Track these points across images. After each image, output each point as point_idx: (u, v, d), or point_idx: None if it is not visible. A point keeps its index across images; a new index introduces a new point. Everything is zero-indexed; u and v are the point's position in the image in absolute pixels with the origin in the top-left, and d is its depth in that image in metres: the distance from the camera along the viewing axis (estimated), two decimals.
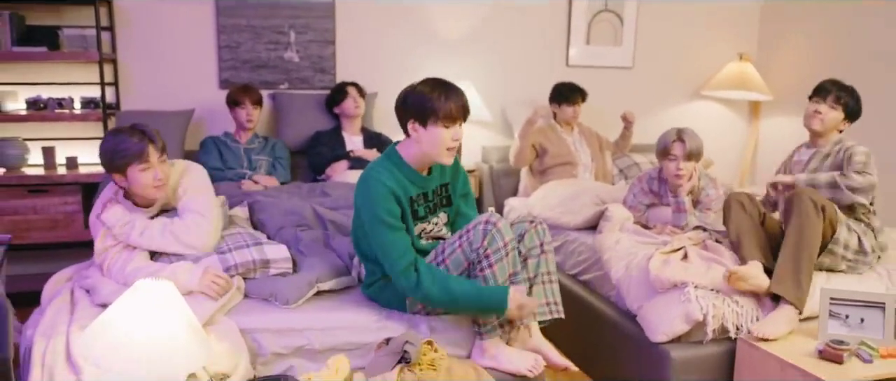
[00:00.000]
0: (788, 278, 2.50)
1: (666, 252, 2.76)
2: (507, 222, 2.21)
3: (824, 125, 2.93)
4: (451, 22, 4.55)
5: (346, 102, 4.05)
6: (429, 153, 2.25)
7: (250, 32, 4.26)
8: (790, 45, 4.90)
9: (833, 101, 2.92)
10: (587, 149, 4.28)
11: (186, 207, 2.49)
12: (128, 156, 2.35)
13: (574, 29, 4.77)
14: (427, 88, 2.21)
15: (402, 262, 2.20)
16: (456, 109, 2.21)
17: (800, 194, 2.60)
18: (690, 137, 3.09)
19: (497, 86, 4.67)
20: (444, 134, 2.21)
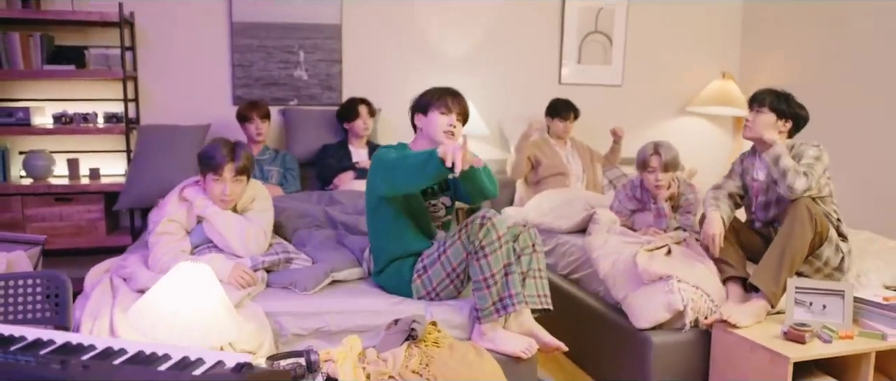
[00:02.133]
0: (769, 273, 2.72)
1: (650, 249, 3.02)
2: (502, 218, 2.48)
3: (753, 131, 2.93)
4: (451, 42, 4.84)
5: (357, 123, 4.29)
6: (431, 136, 2.65)
7: (262, 52, 4.54)
8: (769, 63, 5.19)
9: (757, 105, 2.95)
10: (579, 161, 4.55)
11: (255, 220, 2.81)
12: (208, 163, 2.71)
13: (566, 49, 5.07)
14: (432, 89, 2.74)
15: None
16: (451, 100, 2.67)
17: (799, 201, 2.76)
18: (666, 149, 3.35)
19: (494, 102, 4.95)
20: (441, 119, 2.64)
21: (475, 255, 2.45)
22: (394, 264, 2.64)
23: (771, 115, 2.95)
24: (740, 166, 3.19)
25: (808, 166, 2.82)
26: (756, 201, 3.09)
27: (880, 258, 3.15)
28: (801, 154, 2.91)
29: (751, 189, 3.13)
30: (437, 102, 2.65)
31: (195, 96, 4.48)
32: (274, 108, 4.53)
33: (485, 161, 4.93)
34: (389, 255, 2.65)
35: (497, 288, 2.46)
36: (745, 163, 3.17)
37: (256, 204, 2.86)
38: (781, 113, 2.97)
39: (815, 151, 2.89)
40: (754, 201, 3.11)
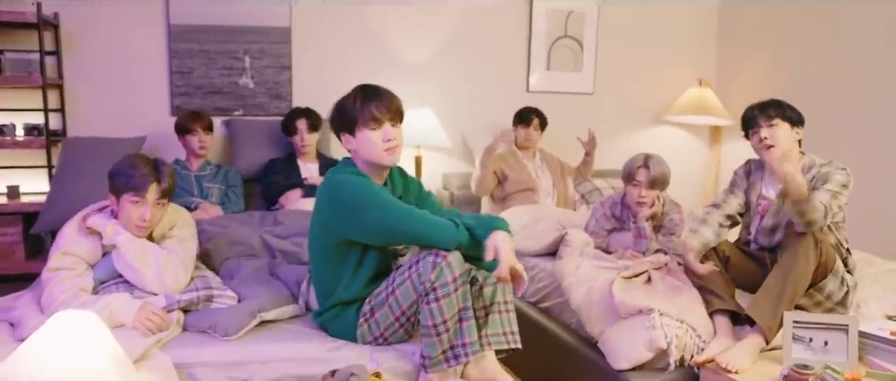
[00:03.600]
0: (767, 307, 2.40)
1: (628, 276, 2.69)
2: (458, 257, 2.12)
3: (782, 149, 2.59)
4: (411, 47, 4.50)
5: (295, 139, 3.93)
6: (370, 159, 2.22)
7: (203, 57, 4.16)
8: (747, 69, 4.92)
9: (765, 120, 2.61)
10: (549, 175, 4.23)
11: (174, 250, 2.42)
12: (128, 183, 2.32)
13: (534, 54, 4.75)
14: (349, 99, 2.22)
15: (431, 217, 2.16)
16: (377, 109, 2.18)
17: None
18: (656, 164, 3.05)
19: (457, 112, 4.61)
20: (374, 136, 2.18)
21: (425, 298, 2.09)
22: (337, 308, 2.27)
23: (785, 124, 2.64)
24: (745, 181, 2.85)
25: (834, 195, 2.51)
26: (759, 223, 2.76)
27: (879, 283, 2.85)
28: (826, 177, 2.58)
29: (754, 207, 2.79)
30: (361, 115, 2.17)
31: (129, 106, 4.08)
32: (217, 118, 4.14)
33: (446, 174, 4.64)
34: (336, 299, 2.27)
35: (448, 336, 2.10)
36: (752, 177, 2.84)
37: (177, 231, 2.47)
38: (793, 120, 2.66)
39: (842, 177, 2.57)
40: (756, 221, 2.77)
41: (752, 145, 2.71)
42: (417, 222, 2.11)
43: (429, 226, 2.11)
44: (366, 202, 2.11)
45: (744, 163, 2.88)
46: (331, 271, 2.26)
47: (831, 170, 2.60)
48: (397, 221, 2.10)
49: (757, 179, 2.80)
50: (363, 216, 2.11)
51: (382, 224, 2.10)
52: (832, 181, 2.55)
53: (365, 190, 2.13)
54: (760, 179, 2.79)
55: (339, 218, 2.16)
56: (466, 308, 2.14)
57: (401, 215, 2.11)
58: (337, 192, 2.17)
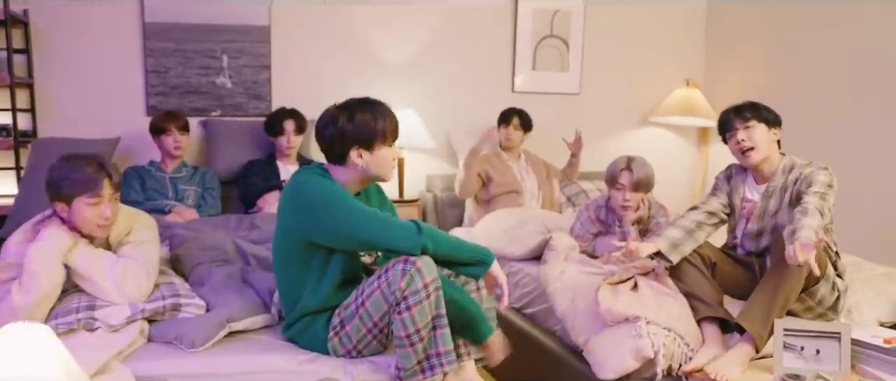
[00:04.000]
0: (759, 315, 2.31)
1: (614, 282, 2.60)
2: (429, 262, 2.03)
3: (761, 151, 2.57)
4: (393, 47, 4.40)
5: (280, 140, 3.84)
6: (374, 175, 2.19)
7: (180, 57, 4.04)
8: (735, 69, 4.86)
9: (741, 121, 2.58)
10: (534, 177, 4.14)
11: (133, 256, 2.28)
12: (79, 185, 2.18)
13: (519, 54, 4.66)
14: (367, 114, 2.14)
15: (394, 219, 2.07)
16: (395, 126, 2.20)
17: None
18: (640, 166, 2.97)
19: (441, 112, 4.51)
20: (389, 153, 2.18)
21: (397, 307, 1.99)
22: (306, 320, 2.17)
23: (762, 126, 2.60)
24: (727, 185, 2.78)
25: (822, 196, 2.43)
26: (744, 227, 2.69)
27: (870, 287, 2.78)
28: (810, 179, 2.51)
29: (738, 211, 2.73)
30: (385, 134, 2.13)
31: (103, 106, 3.96)
32: (193, 119, 4.03)
33: (430, 175, 4.55)
34: (303, 309, 2.16)
35: (423, 345, 2.01)
36: (733, 181, 2.77)
37: (135, 236, 2.34)
38: (769, 121, 2.62)
39: (826, 177, 2.51)
40: (742, 225, 2.70)
41: (731, 149, 2.66)
42: (380, 224, 2.03)
43: (392, 228, 2.03)
44: (327, 202, 2.04)
45: (725, 168, 2.82)
46: (295, 277, 2.17)
47: (814, 171, 2.54)
48: (360, 222, 2.02)
49: (739, 183, 2.73)
50: (324, 216, 2.03)
51: (344, 226, 2.02)
52: (817, 182, 2.48)
53: (327, 190, 2.06)
54: (742, 183, 2.73)
55: (302, 218, 2.08)
56: (440, 316, 2.05)
57: (364, 216, 2.03)
58: (299, 191, 2.10)
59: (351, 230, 2.02)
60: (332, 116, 2.15)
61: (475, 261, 2.08)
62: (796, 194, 2.54)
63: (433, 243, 2.03)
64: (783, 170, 2.62)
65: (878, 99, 3.89)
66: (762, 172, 2.65)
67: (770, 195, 2.62)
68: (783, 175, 2.61)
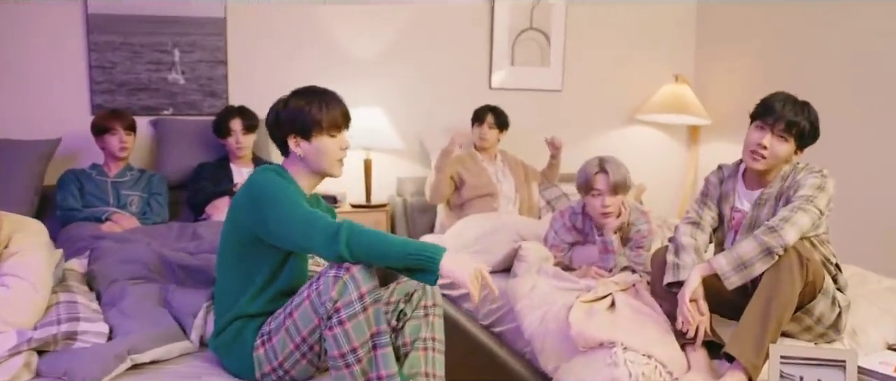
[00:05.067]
0: (750, 340, 2.02)
1: (589, 300, 2.31)
2: (368, 270, 1.75)
3: (770, 163, 2.28)
4: (360, 40, 4.10)
5: (229, 141, 3.54)
6: (317, 168, 2.03)
7: (127, 51, 3.73)
8: (727, 65, 4.57)
9: (782, 130, 2.23)
10: (511, 179, 3.85)
11: (13, 271, 1.96)
12: None
13: (497, 49, 4.36)
14: (302, 101, 2.02)
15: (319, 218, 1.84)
16: (339, 115, 2.03)
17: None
18: (614, 167, 2.68)
19: (412, 112, 4.21)
20: (332, 144, 2.01)
21: (328, 322, 1.74)
22: (236, 325, 1.93)
23: (790, 144, 2.27)
24: (718, 190, 2.48)
25: (806, 200, 2.16)
26: (732, 240, 2.40)
27: (876, 304, 2.49)
28: (797, 184, 2.24)
29: (727, 221, 2.43)
30: (326, 120, 1.99)
31: (42, 104, 3.65)
32: (143, 118, 3.73)
33: (400, 178, 4.26)
34: (237, 312, 1.94)
35: (361, 367, 1.76)
36: (725, 186, 2.47)
37: (17, 245, 2.01)
38: (803, 145, 2.31)
39: (816, 179, 2.22)
40: (730, 237, 2.41)
41: (748, 137, 2.31)
42: (302, 222, 1.83)
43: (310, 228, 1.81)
44: (272, 197, 1.87)
45: (716, 169, 2.52)
46: (237, 281, 1.97)
47: (804, 175, 2.25)
48: (292, 219, 1.83)
49: (729, 190, 2.44)
50: (267, 210, 1.86)
51: (283, 222, 1.83)
52: (804, 186, 2.21)
53: (275, 184, 1.90)
54: (733, 190, 2.43)
55: (249, 212, 1.91)
56: (381, 333, 1.78)
57: (297, 215, 1.84)
58: (250, 185, 1.94)
59: (287, 227, 1.83)
60: (276, 104, 2.06)
61: (418, 266, 1.80)
62: (787, 202, 2.25)
63: (355, 249, 1.77)
64: (782, 176, 2.33)
65: (881, 97, 3.61)
66: (761, 177, 2.35)
67: (762, 204, 2.33)
68: (780, 182, 2.32)
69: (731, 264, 2.10)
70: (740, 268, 2.09)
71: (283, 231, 1.83)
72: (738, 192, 2.40)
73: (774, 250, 2.07)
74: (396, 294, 2.09)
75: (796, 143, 2.27)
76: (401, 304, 2.06)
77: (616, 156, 2.79)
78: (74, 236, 2.93)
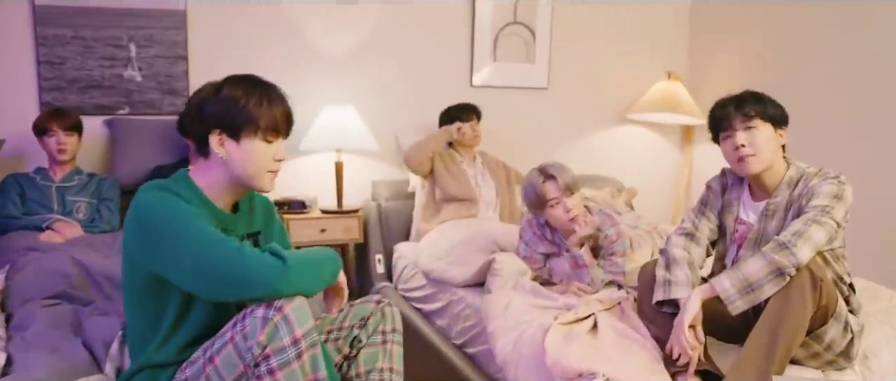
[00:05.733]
0: (752, 373, 1.78)
1: (568, 322, 2.05)
2: (305, 306, 1.49)
3: (764, 159, 2.04)
4: (332, 35, 3.83)
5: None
6: (241, 177, 1.68)
7: (79, 45, 3.47)
8: (723, 61, 4.32)
9: (744, 121, 2.03)
10: (491, 182, 3.59)
11: None
12: None
13: (478, 44, 4.10)
14: (239, 91, 1.66)
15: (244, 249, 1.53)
16: (281, 117, 1.69)
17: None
18: (558, 169, 2.46)
19: (388, 111, 3.95)
20: (265, 151, 1.67)
21: (255, 369, 1.46)
22: (146, 374, 1.64)
23: (767, 125, 2.06)
24: (720, 199, 2.23)
25: (821, 211, 1.90)
26: (735, 254, 2.14)
27: (890, 324, 2.23)
28: (810, 193, 1.99)
29: (730, 233, 2.18)
30: (262, 121, 1.65)
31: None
32: (97, 118, 3.47)
33: (375, 181, 4.00)
34: (144, 360, 1.64)
35: None
36: (728, 195, 2.22)
37: None
38: (776, 120, 2.08)
39: (832, 187, 1.97)
40: (733, 252, 2.16)
41: (724, 153, 2.11)
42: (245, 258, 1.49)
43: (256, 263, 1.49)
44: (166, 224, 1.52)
45: (719, 174, 2.27)
46: (144, 324, 1.66)
47: (818, 181, 2.00)
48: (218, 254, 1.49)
49: (733, 199, 2.18)
50: (167, 245, 1.51)
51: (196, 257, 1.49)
52: (819, 195, 1.96)
53: (165, 207, 1.55)
54: (738, 199, 2.17)
55: (142, 246, 1.57)
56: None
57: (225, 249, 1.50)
58: (136, 211, 1.58)
59: (195, 270, 1.49)
60: (204, 89, 1.72)
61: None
62: (799, 212, 2.00)
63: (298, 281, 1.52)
64: (788, 183, 2.08)
65: (880, 96, 3.36)
66: (763, 184, 2.11)
67: (770, 216, 2.08)
68: (787, 189, 2.07)
69: (737, 287, 1.84)
70: (747, 291, 1.83)
71: (194, 268, 1.50)
72: (744, 202, 2.15)
73: (786, 271, 1.82)
74: (350, 318, 1.85)
75: (770, 122, 2.06)
76: (355, 329, 1.83)
77: (606, 157, 2.53)
78: (8, 247, 2.67)
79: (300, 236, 3.52)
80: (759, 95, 2.09)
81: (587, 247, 2.46)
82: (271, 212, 1.91)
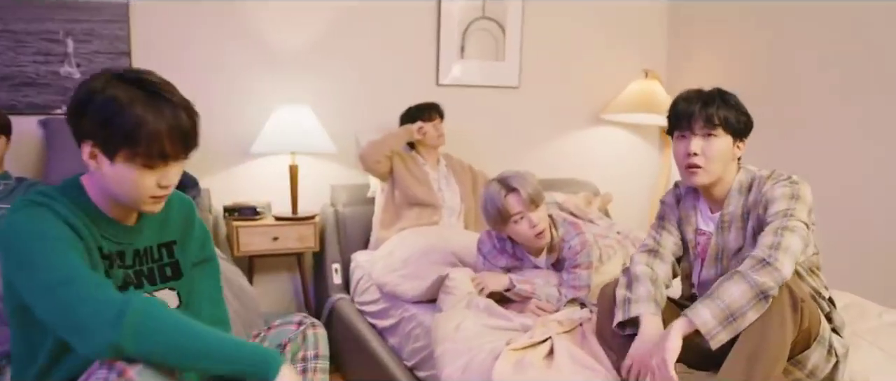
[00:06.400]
0: None
1: (521, 348, 1.83)
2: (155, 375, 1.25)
3: (713, 173, 1.85)
4: (286, 30, 3.59)
5: None
6: (118, 198, 1.42)
7: (10, 39, 3.21)
8: (702, 60, 4.12)
9: (704, 127, 1.84)
10: (455, 187, 3.37)
11: None
12: None
13: (445, 40, 3.87)
14: (124, 93, 1.35)
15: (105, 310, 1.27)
16: (172, 144, 1.38)
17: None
18: (520, 179, 2.23)
19: (348, 111, 3.70)
20: (143, 180, 1.38)
21: None
22: None
23: (727, 138, 1.86)
24: (675, 212, 2.03)
25: (785, 215, 1.71)
26: (700, 269, 1.94)
27: (879, 345, 2.03)
28: (765, 200, 1.80)
29: (692, 247, 1.98)
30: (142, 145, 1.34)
31: None
32: (30, 118, 3.23)
33: (334, 186, 3.76)
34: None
35: None
36: (682, 206, 2.02)
37: None
38: (739, 132, 1.88)
39: (786, 189, 1.78)
40: (697, 268, 1.95)
41: (675, 152, 1.93)
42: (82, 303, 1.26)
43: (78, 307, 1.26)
44: (26, 257, 1.28)
45: (672, 186, 2.09)
46: (25, 352, 1.44)
47: (770, 187, 1.80)
48: (64, 295, 1.25)
49: (689, 208, 1.99)
50: (24, 277, 1.29)
51: (40, 294, 1.27)
52: (775, 201, 1.77)
53: (32, 233, 1.30)
54: (694, 208, 1.98)
55: (8, 271, 1.34)
56: None
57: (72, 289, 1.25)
58: (4, 233, 1.33)
59: (43, 301, 1.27)
60: (87, 83, 1.39)
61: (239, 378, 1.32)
62: (758, 222, 1.81)
63: (144, 344, 1.27)
64: (739, 189, 1.89)
65: (864, 91, 3.16)
66: (712, 195, 1.93)
67: (726, 227, 1.89)
68: (739, 196, 1.88)
69: (718, 318, 1.62)
70: (729, 321, 1.61)
71: (41, 306, 1.28)
72: (701, 211, 1.96)
73: (771, 293, 1.61)
74: (267, 344, 1.61)
75: (731, 134, 1.86)
76: None
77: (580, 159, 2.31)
78: None
79: (250, 245, 3.28)
80: (728, 98, 1.90)
81: (546, 258, 2.24)
82: (191, 216, 1.67)
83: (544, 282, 2.28)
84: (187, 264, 1.63)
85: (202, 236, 1.69)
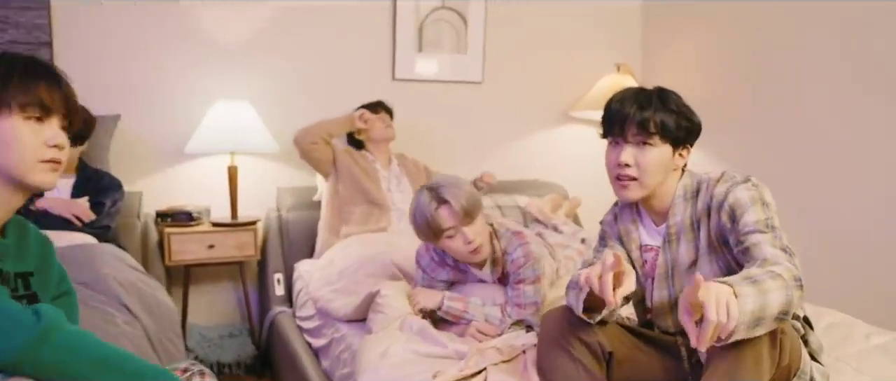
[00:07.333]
0: None
1: (453, 380, 1.56)
2: None
3: (646, 187, 1.63)
4: (227, 22, 3.30)
5: None
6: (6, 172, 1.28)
7: None
8: (678, 53, 3.87)
9: (638, 134, 1.60)
10: (408, 189, 3.10)
11: None
12: None
13: (401, 31, 3.60)
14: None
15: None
16: (50, 92, 1.33)
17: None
18: (452, 190, 1.96)
19: (293, 108, 3.41)
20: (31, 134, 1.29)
21: None
22: None
23: (665, 148, 1.62)
24: (614, 228, 1.79)
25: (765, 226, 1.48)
26: (651, 290, 1.69)
27: (865, 372, 1.77)
28: (730, 206, 1.55)
29: (640, 266, 1.74)
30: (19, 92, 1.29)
31: None
32: None
33: (281, 188, 3.49)
34: None
35: None
36: (621, 223, 1.78)
37: None
38: (679, 140, 1.63)
39: (748, 193, 1.54)
40: (649, 288, 1.70)
41: (606, 159, 1.71)
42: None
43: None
44: None
45: (611, 206, 1.88)
46: None
47: (728, 188, 1.56)
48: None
49: (628, 223, 1.75)
50: None
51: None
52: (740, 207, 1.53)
53: None
54: (634, 222, 1.75)
55: None
56: None
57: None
58: None
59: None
60: None
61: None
62: (718, 232, 1.57)
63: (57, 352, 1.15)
64: (684, 195, 1.66)
65: (853, 86, 2.92)
66: (651, 208, 1.70)
67: (675, 240, 1.65)
68: (685, 203, 1.64)
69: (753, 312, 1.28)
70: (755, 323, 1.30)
71: None
72: (642, 223, 1.71)
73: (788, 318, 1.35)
74: None
75: (671, 142, 1.61)
76: None
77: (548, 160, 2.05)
78: None
79: (183, 253, 3.00)
80: (669, 100, 1.63)
81: (493, 271, 1.98)
82: (49, 253, 1.45)
83: (484, 300, 2.01)
84: (46, 299, 1.40)
85: (60, 274, 1.49)
